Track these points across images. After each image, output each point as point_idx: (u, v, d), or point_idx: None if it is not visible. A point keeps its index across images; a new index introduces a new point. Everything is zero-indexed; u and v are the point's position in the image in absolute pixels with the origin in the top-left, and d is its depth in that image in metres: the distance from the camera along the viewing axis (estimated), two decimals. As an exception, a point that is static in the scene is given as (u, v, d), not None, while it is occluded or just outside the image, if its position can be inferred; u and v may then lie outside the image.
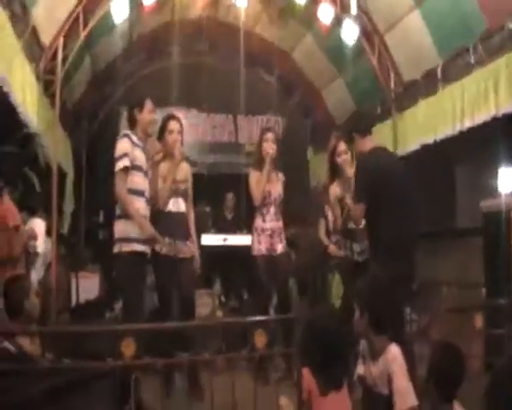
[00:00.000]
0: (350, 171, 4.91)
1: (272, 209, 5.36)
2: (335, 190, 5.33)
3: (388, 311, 2.92)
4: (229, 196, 7.94)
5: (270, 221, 5.34)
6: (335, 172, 5.33)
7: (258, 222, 5.36)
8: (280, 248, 5.35)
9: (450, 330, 3.99)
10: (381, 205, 4.09)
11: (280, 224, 5.41)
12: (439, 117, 6.22)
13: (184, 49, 9.03)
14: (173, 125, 4.82)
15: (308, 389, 2.68)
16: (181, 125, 4.89)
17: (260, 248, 5.29)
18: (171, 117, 4.91)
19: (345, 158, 5.15)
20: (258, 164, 5.39)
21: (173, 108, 7.28)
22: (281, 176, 5.53)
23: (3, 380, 2.95)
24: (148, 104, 4.36)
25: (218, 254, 6.64)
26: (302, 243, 6.92)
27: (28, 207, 5.25)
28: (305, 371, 2.70)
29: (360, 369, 3.03)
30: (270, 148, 5.32)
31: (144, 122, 4.34)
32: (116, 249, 4.10)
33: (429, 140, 6.39)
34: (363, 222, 4.52)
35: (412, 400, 2.70)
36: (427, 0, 6.00)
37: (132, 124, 4.37)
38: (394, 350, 2.84)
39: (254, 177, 5.37)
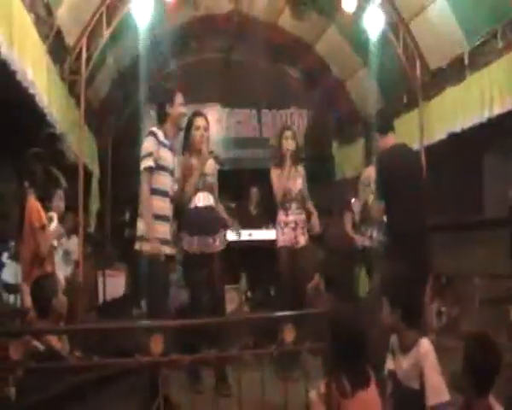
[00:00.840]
0: None
1: (294, 204, 5.42)
2: (370, 172, 5.31)
3: (419, 304, 2.89)
4: (254, 190, 7.88)
5: (292, 215, 5.40)
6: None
7: (281, 216, 5.42)
8: (303, 240, 5.40)
9: (481, 322, 3.91)
10: (395, 200, 4.22)
11: (303, 217, 5.46)
12: (466, 105, 6.10)
13: (207, 45, 9.04)
14: (200, 121, 4.83)
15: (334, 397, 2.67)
16: (207, 121, 4.90)
17: (284, 238, 5.35)
18: (197, 114, 4.93)
19: None
20: (279, 161, 5.45)
21: (197, 104, 7.27)
22: (300, 170, 5.54)
23: (33, 378, 2.98)
24: (179, 97, 4.32)
25: (243, 250, 6.62)
26: (328, 236, 6.86)
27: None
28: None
29: (390, 364, 2.99)
30: (289, 145, 5.39)
31: (175, 116, 4.30)
32: (137, 247, 4.09)
33: (457, 128, 6.28)
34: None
35: (445, 395, 2.65)
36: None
37: (162, 119, 4.32)
38: (425, 344, 2.79)
39: (275, 174, 5.43)
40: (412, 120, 7.18)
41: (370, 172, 5.35)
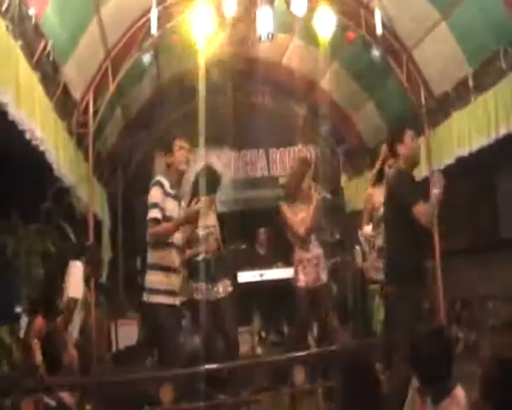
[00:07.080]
0: None
1: (313, 237, 5.24)
2: (376, 196, 5.12)
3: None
4: (261, 230, 7.81)
5: (313, 249, 5.21)
6: (379, 180, 5.20)
7: (301, 253, 5.19)
8: (324, 277, 5.21)
9: (498, 346, 3.80)
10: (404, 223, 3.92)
11: (321, 251, 5.28)
12: (473, 128, 6.06)
13: (213, 89, 9.13)
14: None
15: None
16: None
17: (307, 279, 5.12)
18: (205, 167, 5.11)
19: None
20: (291, 197, 5.28)
21: (205, 149, 7.30)
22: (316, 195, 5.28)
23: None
24: (177, 143, 4.24)
25: (255, 291, 6.59)
26: (341, 271, 6.82)
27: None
28: None
29: None
30: (310, 183, 5.27)
31: (175, 163, 4.24)
32: (145, 298, 4.10)
33: (464, 152, 6.22)
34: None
35: None
36: (454, 11, 5.87)
37: (167, 167, 4.31)
38: (459, 393, 2.69)
39: (289, 210, 5.21)
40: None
41: (374, 197, 5.18)
